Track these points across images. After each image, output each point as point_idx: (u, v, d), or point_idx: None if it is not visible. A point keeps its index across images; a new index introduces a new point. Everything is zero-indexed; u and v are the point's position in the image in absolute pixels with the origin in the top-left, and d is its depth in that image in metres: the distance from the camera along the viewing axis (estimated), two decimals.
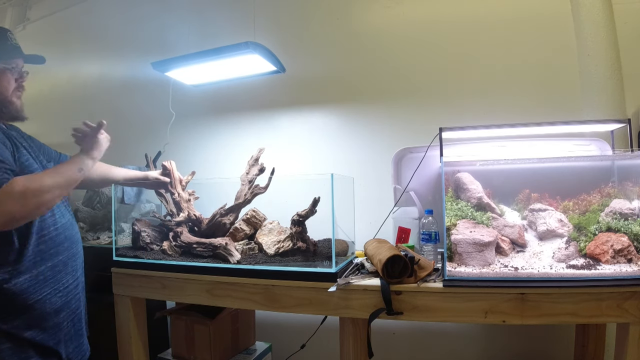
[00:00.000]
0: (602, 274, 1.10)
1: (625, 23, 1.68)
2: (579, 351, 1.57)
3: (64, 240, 1.12)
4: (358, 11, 2.12)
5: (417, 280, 1.19)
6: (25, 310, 1.00)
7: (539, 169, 1.45)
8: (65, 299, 1.10)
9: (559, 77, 1.77)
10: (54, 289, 1.07)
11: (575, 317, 1.10)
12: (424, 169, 1.54)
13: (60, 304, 1.08)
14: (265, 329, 2.11)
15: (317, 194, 1.35)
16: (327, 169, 2.05)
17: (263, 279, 1.32)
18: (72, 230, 1.17)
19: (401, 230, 1.54)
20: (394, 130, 2.00)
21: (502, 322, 1.13)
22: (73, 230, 1.18)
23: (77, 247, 1.18)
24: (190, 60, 1.73)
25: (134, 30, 2.59)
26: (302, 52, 2.17)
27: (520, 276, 1.14)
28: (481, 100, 1.86)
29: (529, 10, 1.82)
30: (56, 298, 1.07)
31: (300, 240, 1.43)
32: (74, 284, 1.15)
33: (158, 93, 2.38)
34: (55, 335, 1.06)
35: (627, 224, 1.19)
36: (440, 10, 1.96)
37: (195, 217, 1.53)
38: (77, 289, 1.17)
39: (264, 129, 2.26)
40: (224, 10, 2.36)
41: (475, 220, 1.30)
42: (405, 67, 2.00)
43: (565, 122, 1.41)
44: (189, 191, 1.61)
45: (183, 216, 1.52)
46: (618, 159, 1.41)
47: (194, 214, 1.54)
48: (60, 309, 1.08)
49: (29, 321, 1.00)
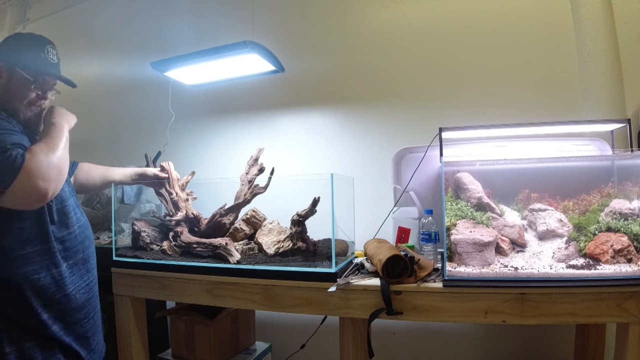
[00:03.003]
0: (602, 274, 1.10)
1: (625, 23, 1.68)
2: (579, 351, 1.57)
3: (84, 239, 1.15)
4: (358, 11, 2.12)
5: (417, 280, 1.19)
6: (52, 306, 1.02)
7: (538, 169, 1.45)
8: (87, 296, 1.13)
9: (559, 77, 1.77)
10: (77, 286, 1.09)
11: (575, 317, 1.10)
12: (424, 169, 1.54)
13: (82, 301, 1.10)
14: (265, 329, 2.11)
15: (317, 194, 1.35)
16: (327, 168, 2.05)
17: (263, 279, 1.32)
18: (88, 230, 1.21)
19: (401, 230, 1.54)
20: (394, 130, 2.00)
21: (502, 322, 1.13)
22: (89, 230, 1.21)
23: (93, 247, 1.22)
24: (190, 60, 1.73)
25: (133, 30, 2.58)
26: (301, 52, 2.17)
27: (520, 276, 1.13)
28: (481, 100, 1.86)
29: (529, 10, 1.82)
30: (79, 294, 1.09)
31: (300, 240, 1.43)
32: (93, 282, 1.18)
33: (157, 93, 2.38)
34: (78, 331, 1.08)
35: (627, 224, 1.19)
36: (440, 10, 1.96)
37: (193, 215, 1.53)
38: (95, 286, 1.20)
39: (263, 128, 2.26)
40: (223, 10, 2.35)
41: (475, 220, 1.29)
42: (405, 67, 2.00)
43: (565, 122, 1.41)
44: (187, 191, 1.61)
45: (181, 215, 1.52)
46: (618, 159, 1.41)
47: (191, 213, 1.54)
48: (83, 306, 1.10)
49: (55, 316, 1.02)
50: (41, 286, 1.00)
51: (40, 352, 0.98)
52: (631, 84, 1.65)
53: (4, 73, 1.04)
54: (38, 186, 0.89)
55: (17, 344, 0.95)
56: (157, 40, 2.44)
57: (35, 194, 0.90)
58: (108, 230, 2.11)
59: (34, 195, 0.90)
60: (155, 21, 2.51)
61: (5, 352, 0.93)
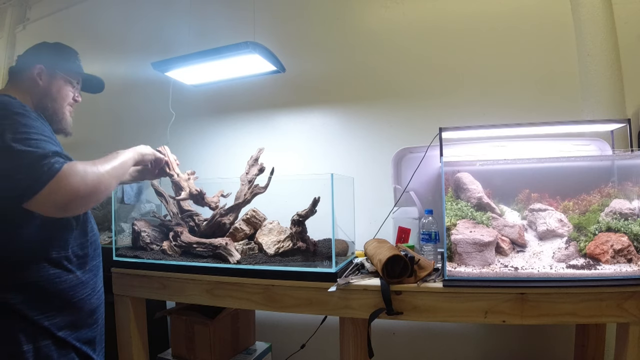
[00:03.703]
0: (602, 274, 1.10)
1: (625, 23, 1.68)
2: (579, 351, 1.57)
3: (97, 247, 1.18)
4: (358, 11, 2.12)
5: (417, 280, 1.19)
6: (69, 309, 1.04)
7: (538, 169, 1.45)
8: (99, 301, 1.16)
9: (559, 77, 1.77)
10: (92, 290, 1.12)
11: (575, 317, 1.10)
12: (424, 169, 1.54)
13: (96, 305, 1.13)
14: (265, 329, 2.11)
15: (317, 194, 1.35)
16: (327, 168, 2.05)
17: (263, 279, 1.32)
18: (99, 238, 1.24)
19: (401, 230, 1.54)
20: (394, 130, 2.00)
21: (502, 322, 1.13)
22: (99, 238, 1.25)
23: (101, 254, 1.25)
24: (190, 60, 1.73)
25: (134, 30, 2.59)
26: (302, 52, 2.17)
27: (520, 276, 1.13)
28: (481, 100, 1.86)
29: (529, 10, 1.82)
30: (94, 299, 1.12)
31: (300, 240, 1.43)
32: (102, 289, 1.22)
33: (158, 93, 2.39)
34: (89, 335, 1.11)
35: (627, 224, 1.19)
36: (439, 10, 1.96)
37: (197, 191, 1.51)
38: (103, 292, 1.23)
39: (263, 128, 2.26)
40: (224, 10, 2.36)
41: (475, 220, 1.30)
42: (405, 67, 2.00)
43: (565, 122, 1.41)
44: (188, 172, 1.59)
45: (185, 193, 1.51)
46: (618, 159, 1.41)
47: (195, 190, 1.52)
48: (96, 310, 1.13)
49: (70, 319, 1.05)
50: (61, 290, 1.02)
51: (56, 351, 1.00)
52: (631, 84, 1.65)
53: (44, 76, 1.12)
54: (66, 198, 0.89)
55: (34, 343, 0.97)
56: (158, 41, 2.44)
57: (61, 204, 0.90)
58: (108, 230, 2.11)
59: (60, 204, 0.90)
60: (156, 21, 2.51)
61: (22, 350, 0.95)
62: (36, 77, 1.10)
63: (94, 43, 2.69)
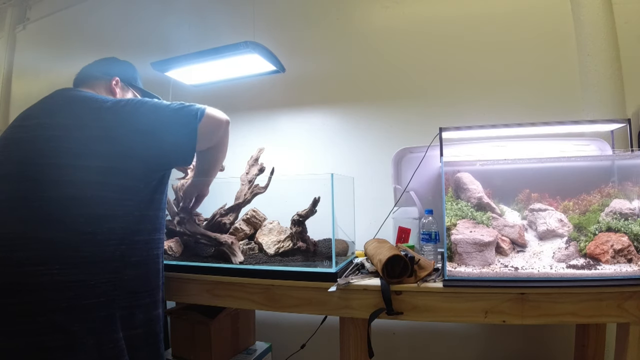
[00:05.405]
0: (602, 274, 1.10)
1: (625, 23, 1.68)
2: (579, 351, 1.57)
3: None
4: (358, 11, 2.12)
5: (417, 280, 1.19)
6: (160, 287, 1.19)
7: (539, 169, 1.45)
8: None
9: (559, 77, 1.77)
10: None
11: (575, 317, 1.10)
12: (424, 169, 1.54)
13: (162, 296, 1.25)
14: (265, 329, 2.11)
15: (317, 193, 1.35)
16: (327, 168, 2.05)
17: (263, 278, 1.32)
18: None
19: (401, 230, 1.54)
20: (394, 130, 2.00)
21: (502, 322, 1.13)
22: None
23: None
24: (190, 60, 1.73)
25: (134, 30, 2.59)
26: (302, 52, 2.17)
27: (520, 276, 1.13)
28: (481, 100, 1.86)
29: (529, 10, 1.82)
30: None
31: (300, 240, 1.43)
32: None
33: (158, 93, 2.35)
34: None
35: (627, 224, 1.19)
36: (439, 10, 1.96)
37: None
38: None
39: (263, 128, 2.26)
40: (223, 10, 2.36)
41: (475, 220, 1.30)
42: (405, 67, 2.00)
43: (565, 122, 1.41)
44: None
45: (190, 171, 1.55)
46: (618, 159, 1.41)
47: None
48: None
49: (162, 297, 1.20)
50: (158, 269, 1.17)
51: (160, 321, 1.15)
52: (631, 84, 1.65)
53: (119, 87, 1.30)
54: (219, 115, 1.18)
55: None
56: (158, 40, 2.44)
57: (220, 117, 1.18)
58: None
59: (220, 117, 1.18)
60: (155, 21, 2.51)
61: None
62: (113, 87, 1.28)
63: (94, 43, 2.70)
